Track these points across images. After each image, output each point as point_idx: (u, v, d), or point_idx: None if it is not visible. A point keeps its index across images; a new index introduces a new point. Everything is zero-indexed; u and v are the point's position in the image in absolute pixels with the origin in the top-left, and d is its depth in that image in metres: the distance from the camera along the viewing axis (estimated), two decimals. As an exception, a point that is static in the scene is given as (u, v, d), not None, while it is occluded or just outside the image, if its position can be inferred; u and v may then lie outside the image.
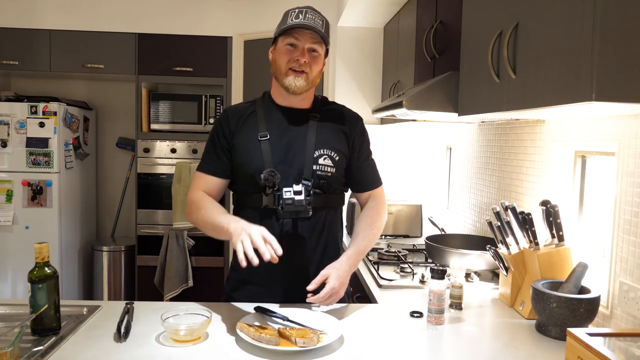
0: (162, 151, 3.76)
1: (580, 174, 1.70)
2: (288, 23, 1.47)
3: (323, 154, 1.53)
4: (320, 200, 1.52)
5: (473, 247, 1.96)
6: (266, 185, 1.47)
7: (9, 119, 3.43)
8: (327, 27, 1.52)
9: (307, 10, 1.49)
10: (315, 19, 1.48)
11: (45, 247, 1.26)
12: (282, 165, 1.49)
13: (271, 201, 1.49)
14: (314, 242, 1.54)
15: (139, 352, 1.18)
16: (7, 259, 3.49)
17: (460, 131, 2.69)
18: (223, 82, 3.77)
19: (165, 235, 3.67)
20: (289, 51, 1.49)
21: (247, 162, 1.51)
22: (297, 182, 1.49)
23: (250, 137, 1.53)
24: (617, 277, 1.39)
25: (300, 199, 1.46)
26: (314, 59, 1.50)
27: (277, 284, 1.53)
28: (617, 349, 1.03)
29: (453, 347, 1.30)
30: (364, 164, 1.64)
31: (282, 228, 1.50)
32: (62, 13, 3.65)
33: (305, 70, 1.49)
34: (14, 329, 1.12)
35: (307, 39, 1.48)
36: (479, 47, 1.56)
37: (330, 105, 1.65)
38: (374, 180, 1.67)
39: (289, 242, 1.48)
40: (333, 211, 1.60)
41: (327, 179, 1.53)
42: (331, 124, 1.58)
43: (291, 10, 1.50)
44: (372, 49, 3.46)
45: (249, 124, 1.55)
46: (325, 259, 1.54)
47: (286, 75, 1.49)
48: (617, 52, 0.99)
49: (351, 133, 1.60)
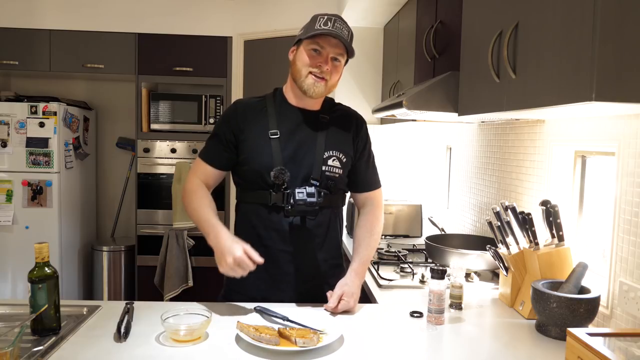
0: (162, 151, 3.76)
1: (580, 174, 1.70)
2: (316, 28, 1.47)
3: (332, 155, 1.55)
4: (326, 199, 1.54)
5: (473, 247, 1.96)
6: (276, 183, 1.48)
7: (9, 119, 3.43)
8: (351, 38, 1.53)
9: (336, 20, 1.49)
10: (342, 29, 1.49)
11: (45, 247, 1.26)
12: (292, 164, 1.51)
13: (280, 199, 1.51)
14: (319, 240, 1.58)
15: (139, 352, 1.18)
16: (7, 259, 3.49)
17: (460, 131, 2.69)
18: (223, 82, 3.77)
19: (165, 235, 3.67)
20: (313, 56, 1.50)
21: (256, 159, 1.53)
22: (305, 181, 1.51)
23: (260, 134, 1.54)
24: (617, 277, 1.39)
25: (312, 200, 1.49)
26: (335, 67, 1.52)
27: (284, 279, 1.55)
28: (617, 349, 1.03)
29: (453, 347, 1.30)
30: (365, 166, 1.66)
31: (289, 225, 1.53)
32: (62, 13, 3.65)
33: (326, 78, 1.50)
34: (14, 329, 1.12)
35: (332, 47, 1.49)
36: (479, 47, 1.56)
37: (337, 106, 1.67)
38: (373, 182, 1.69)
39: (295, 239, 1.53)
40: (336, 210, 1.63)
41: (334, 180, 1.55)
42: (339, 126, 1.61)
43: (320, 15, 1.50)
44: (372, 49, 3.46)
45: (259, 121, 1.56)
46: (327, 254, 1.60)
47: (306, 78, 1.50)
48: (617, 52, 0.99)
49: (357, 135, 1.63)
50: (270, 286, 1.55)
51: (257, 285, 1.56)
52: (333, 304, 1.47)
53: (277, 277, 1.55)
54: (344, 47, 1.50)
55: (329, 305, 1.48)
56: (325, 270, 1.60)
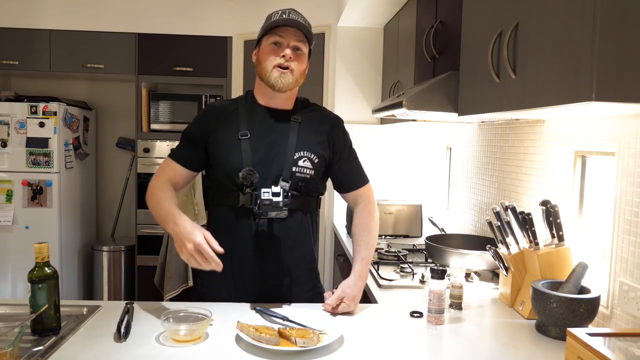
0: (162, 151, 3.76)
1: (580, 174, 1.70)
2: (272, 20, 1.50)
3: (303, 156, 1.53)
4: (297, 202, 1.52)
5: (473, 247, 1.96)
6: (244, 184, 1.46)
7: (9, 119, 3.43)
8: (309, 26, 1.54)
9: (290, 11, 1.51)
10: (298, 18, 1.50)
11: (45, 247, 1.26)
12: (262, 165, 1.49)
13: (248, 200, 1.49)
14: (289, 243, 1.54)
15: (139, 352, 1.18)
16: (7, 259, 3.49)
17: (460, 131, 2.69)
18: (223, 82, 3.77)
19: (165, 235, 3.65)
20: (274, 49, 1.50)
21: (226, 160, 1.51)
22: (275, 182, 1.49)
23: (230, 136, 1.52)
24: (617, 277, 1.39)
25: (277, 200, 1.45)
26: (298, 57, 1.51)
27: (250, 282, 1.53)
28: (617, 349, 1.03)
29: (453, 347, 1.30)
30: (347, 165, 1.64)
31: (257, 227, 1.51)
32: (62, 13, 3.65)
33: (291, 67, 1.49)
34: (14, 329, 1.12)
35: (291, 37, 1.49)
36: (479, 47, 1.56)
37: (312, 107, 1.65)
38: (358, 180, 1.66)
39: (263, 242, 1.51)
40: (308, 214, 1.59)
41: (305, 182, 1.53)
42: (312, 126, 1.58)
43: (274, 12, 1.52)
44: (372, 49, 3.46)
45: (230, 122, 1.55)
46: (298, 260, 1.57)
47: (272, 72, 1.50)
48: (617, 52, 0.99)
49: (332, 135, 1.60)
50: (238, 290, 1.54)
51: (225, 289, 1.55)
52: (332, 303, 1.46)
53: (244, 281, 1.53)
54: (303, 35, 1.50)
55: (328, 303, 1.47)
56: (296, 275, 1.56)
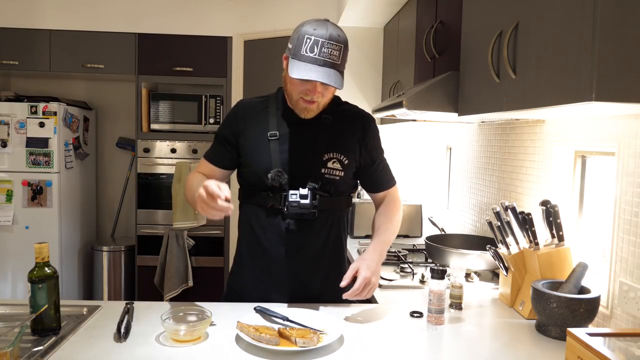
0: (162, 151, 3.76)
1: (580, 174, 1.70)
2: (302, 54, 1.35)
3: (332, 157, 1.51)
4: (326, 203, 1.51)
5: (473, 247, 1.96)
6: (273, 185, 1.47)
7: (9, 119, 3.43)
8: (344, 52, 1.40)
9: (324, 43, 1.34)
10: (332, 51, 1.35)
11: (45, 247, 1.26)
12: (290, 166, 1.48)
13: (277, 201, 1.49)
14: (319, 243, 1.54)
15: (139, 352, 1.18)
16: (7, 259, 3.49)
17: (460, 131, 2.69)
18: (223, 82, 3.77)
19: (165, 235, 3.66)
20: (301, 83, 1.41)
21: (254, 161, 1.51)
22: (304, 183, 1.48)
23: (259, 135, 1.52)
24: (617, 277, 1.39)
25: (305, 202, 1.46)
26: (326, 89, 1.44)
27: (280, 280, 1.54)
28: (617, 349, 1.03)
29: (453, 347, 1.30)
30: (378, 166, 1.63)
31: (287, 227, 1.51)
32: (62, 13, 3.65)
33: (317, 100, 1.44)
34: (14, 329, 1.12)
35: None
36: (479, 47, 1.56)
37: (343, 105, 1.61)
38: (388, 181, 1.67)
39: (293, 241, 1.51)
40: (339, 213, 1.59)
41: (334, 183, 1.51)
42: (343, 126, 1.56)
43: (307, 36, 1.35)
44: (372, 49, 3.46)
45: (260, 122, 1.54)
46: (329, 260, 1.57)
47: (297, 102, 1.46)
48: (617, 52, 0.99)
49: (364, 135, 1.58)
50: (269, 288, 1.55)
51: (256, 286, 1.56)
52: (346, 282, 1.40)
53: (275, 279, 1.54)
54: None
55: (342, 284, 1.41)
56: (326, 273, 1.57)
